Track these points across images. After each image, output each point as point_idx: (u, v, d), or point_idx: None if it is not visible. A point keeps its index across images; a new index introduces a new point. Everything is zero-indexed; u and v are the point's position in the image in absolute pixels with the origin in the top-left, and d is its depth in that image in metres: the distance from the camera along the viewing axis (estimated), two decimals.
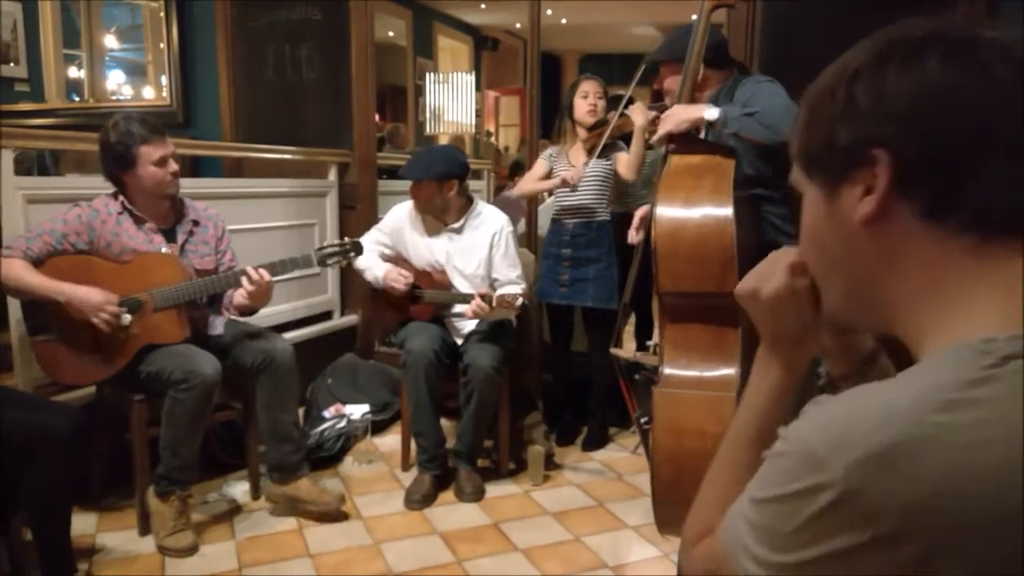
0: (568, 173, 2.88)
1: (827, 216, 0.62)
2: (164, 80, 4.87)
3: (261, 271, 2.26)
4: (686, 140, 2.05)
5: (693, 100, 2.09)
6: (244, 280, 2.25)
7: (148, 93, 5.68)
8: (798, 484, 0.50)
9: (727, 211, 1.86)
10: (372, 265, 2.77)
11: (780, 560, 0.52)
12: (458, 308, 2.71)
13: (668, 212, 1.91)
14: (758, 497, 0.54)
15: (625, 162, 2.90)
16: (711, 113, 1.98)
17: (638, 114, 2.81)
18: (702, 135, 2.12)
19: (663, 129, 2.04)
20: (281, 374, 2.38)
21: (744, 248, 1.86)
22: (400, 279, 2.70)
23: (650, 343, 2.33)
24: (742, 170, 1.95)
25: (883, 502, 0.46)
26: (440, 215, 2.75)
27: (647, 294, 3.31)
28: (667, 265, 1.91)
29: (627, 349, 2.69)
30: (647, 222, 2.16)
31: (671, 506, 1.89)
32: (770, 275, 0.73)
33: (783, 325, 0.74)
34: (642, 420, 2.32)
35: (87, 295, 2.12)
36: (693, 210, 1.90)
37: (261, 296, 2.31)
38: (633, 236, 2.51)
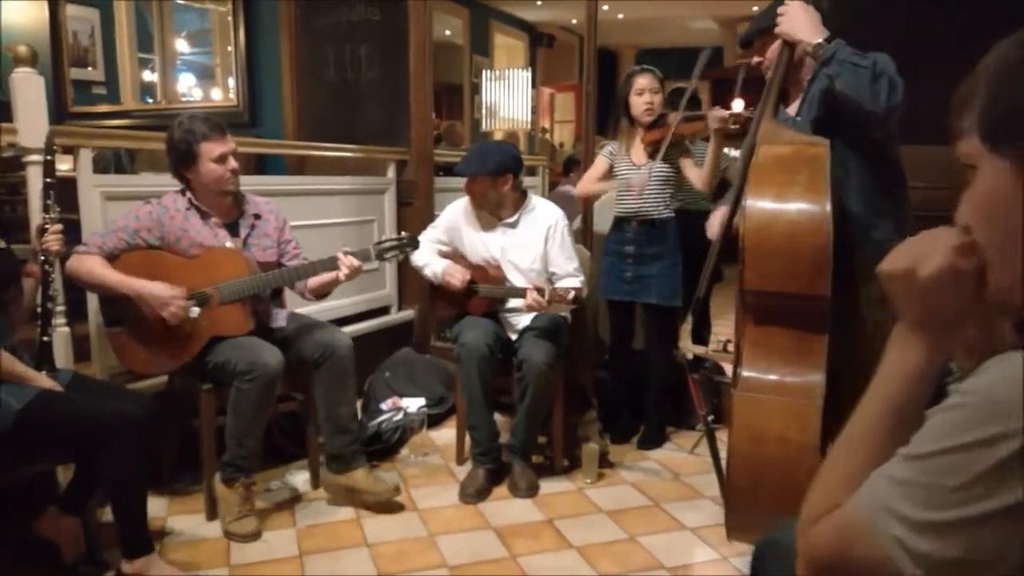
0: (635, 179, 2.83)
1: (1016, 186, 0.58)
2: (231, 82, 5.04)
3: (350, 258, 2.33)
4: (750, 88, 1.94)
5: (795, 66, 1.97)
6: (339, 263, 2.33)
7: (216, 94, 5.90)
8: (976, 434, 0.47)
9: (824, 207, 1.74)
10: (430, 261, 2.80)
11: (937, 518, 0.49)
12: (512, 303, 2.71)
13: (758, 205, 1.80)
14: (919, 453, 0.51)
15: (697, 175, 2.83)
16: (818, 40, 1.79)
17: (715, 120, 2.64)
18: (792, 112, 2.03)
19: (781, 26, 1.88)
20: (341, 367, 2.43)
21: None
22: (457, 275, 2.72)
23: (722, 339, 2.24)
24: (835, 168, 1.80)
25: None
26: (495, 210, 2.76)
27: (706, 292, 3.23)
28: (754, 262, 1.80)
29: (686, 347, 2.63)
30: (727, 219, 2.06)
31: (745, 512, 1.81)
32: (928, 254, 0.67)
33: (936, 308, 0.68)
34: (709, 419, 2.26)
35: (156, 290, 2.21)
36: (786, 205, 1.79)
37: (352, 276, 2.37)
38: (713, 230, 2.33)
